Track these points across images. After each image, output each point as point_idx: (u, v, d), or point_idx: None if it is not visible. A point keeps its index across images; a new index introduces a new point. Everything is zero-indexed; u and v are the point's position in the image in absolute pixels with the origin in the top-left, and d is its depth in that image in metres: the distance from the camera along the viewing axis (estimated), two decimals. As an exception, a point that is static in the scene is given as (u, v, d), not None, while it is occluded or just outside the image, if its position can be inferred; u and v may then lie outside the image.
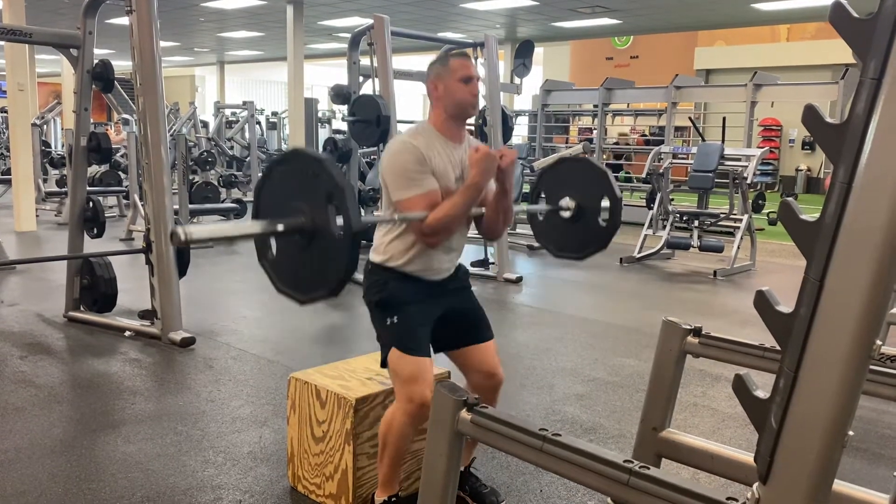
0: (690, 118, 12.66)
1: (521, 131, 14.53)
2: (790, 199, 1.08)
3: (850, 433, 1.06)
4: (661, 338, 2.31)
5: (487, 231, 2.48)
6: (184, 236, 1.97)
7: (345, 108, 6.54)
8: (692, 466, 2.34)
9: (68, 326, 4.85)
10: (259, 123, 14.93)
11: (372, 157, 7.67)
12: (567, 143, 13.47)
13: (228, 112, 16.25)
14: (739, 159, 7.74)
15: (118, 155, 10.63)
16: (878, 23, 0.95)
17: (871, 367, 1.44)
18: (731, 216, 7.69)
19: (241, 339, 4.64)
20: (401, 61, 6.68)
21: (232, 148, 13.79)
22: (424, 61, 3.51)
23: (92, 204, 5.04)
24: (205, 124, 15.60)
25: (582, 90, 13.00)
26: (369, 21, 6.26)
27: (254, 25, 15.78)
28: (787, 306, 1.11)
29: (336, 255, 2.10)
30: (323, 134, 14.61)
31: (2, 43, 10.54)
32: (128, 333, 4.62)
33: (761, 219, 10.01)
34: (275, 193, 2.28)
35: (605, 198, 3.09)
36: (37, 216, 9.24)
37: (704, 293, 6.52)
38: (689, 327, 2.26)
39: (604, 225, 3.13)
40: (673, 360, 2.28)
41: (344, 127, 8.59)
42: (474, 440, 2.19)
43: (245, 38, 17.94)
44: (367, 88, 6.67)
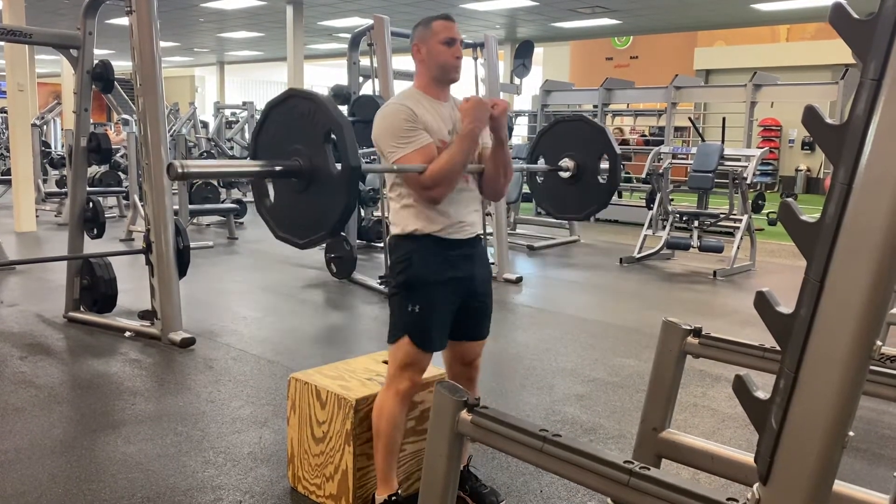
0: (690, 118, 12.68)
1: (520, 132, 14.54)
2: (790, 200, 1.08)
3: (851, 434, 1.06)
4: (661, 338, 2.31)
5: (490, 188, 2.44)
6: (181, 169, 1.96)
7: (345, 109, 6.54)
8: (692, 467, 2.34)
9: (68, 327, 4.85)
10: (259, 124, 14.90)
11: (372, 157, 7.66)
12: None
13: (228, 112, 16.28)
14: (739, 159, 7.74)
15: (118, 155, 10.63)
16: (878, 24, 0.95)
17: (872, 368, 1.44)
18: (731, 216, 7.69)
19: (241, 340, 4.64)
20: (401, 61, 6.67)
21: (232, 148, 13.79)
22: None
23: (92, 204, 5.05)
24: (205, 125, 15.62)
25: (582, 90, 13.01)
26: (369, 21, 6.26)
27: (254, 26, 15.79)
28: (787, 307, 1.11)
29: (335, 193, 2.08)
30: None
31: (2, 43, 10.54)
32: (128, 334, 4.62)
33: (761, 219, 10.01)
34: (272, 137, 2.26)
35: (604, 156, 3.08)
36: (37, 216, 9.24)
37: (704, 293, 6.52)
38: (689, 328, 2.26)
39: (603, 183, 3.13)
40: (673, 361, 2.28)
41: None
42: (473, 440, 2.20)
43: (245, 39, 17.96)
44: (367, 89, 6.68)
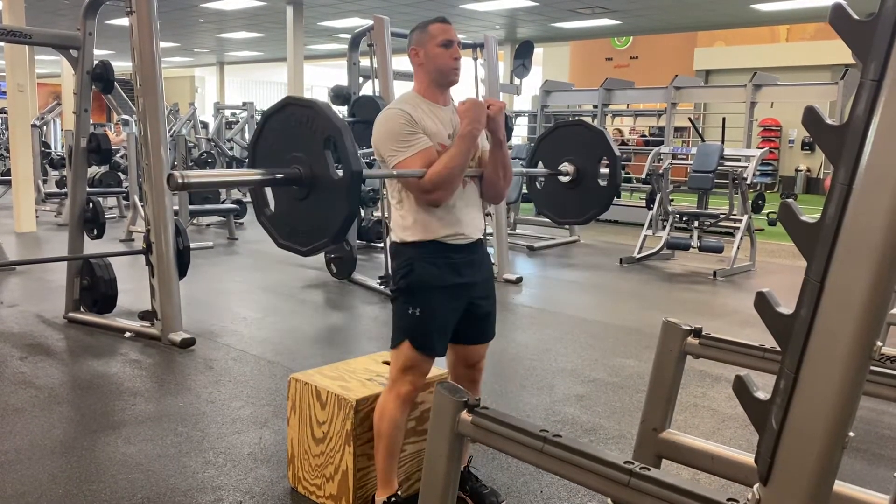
0: (690, 119, 12.67)
1: (520, 132, 14.54)
2: (790, 200, 1.08)
3: (851, 434, 1.06)
4: (662, 338, 2.31)
5: (490, 191, 2.43)
6: (181, 180, 1.94)
7: (344, 109, 6.54)
8: (692, 467, 2.34)
9: (68, 327, 4.85)
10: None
11: (372, 157, 7.66)
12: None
13: (228, 113, 16.27)
14: (739, 160, 7.74)
15: (118, 156, 10.62)
16: (879, 24, 0.95)
17: (872, 368, 1.44)
18: (731, 216, 7.69)
19: (241, 340, 4.64)
20: (401, 62, 6.67)
21: (232, 149, 13.78)
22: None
23: (92, 205, 5.05)
24: (204, 125, 15.61)
25: (581, 91, 13.01)
26: (369, 22, 6.26)
27: (253, 26, 15.79)
28: (787, 307, 1.11)
29: (337, 199, 2.07)
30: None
31: (1, 44, 10.53)
32: (128, 334, 4.62)
33: (761, 219, 10.01)
34: (271, 145, 2.24)
35: (604, 158, 3.07)
36: (37, 217, 9.24)
37: (704, 294, 6.52)
38: (689, 328, 2.26)
39: (604, 186, 3.11)
40: (673, 361, 2.27)
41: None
42: (473, 441, 2.20)
43: (245, 39, 17.96)
44: (367, 89, 6.68)
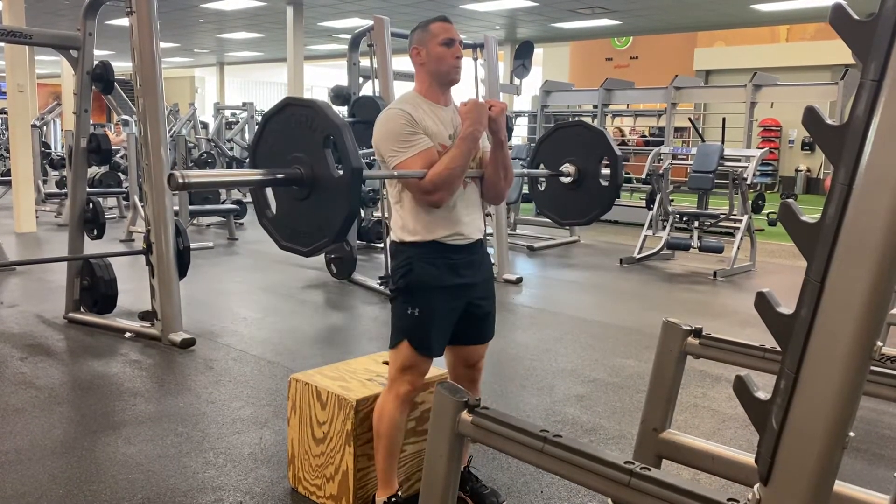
0: (690, 119, 12.67)
1: (520, 132, 14.54)
2: (790, 201, 1.08)
3: (851, 434, 1.06)
4: (662, 338, 2.30)
5: (490, 191, 2.42)
6: (182, 180, 1.94)
7: (345, 110, 6.54)
8: (693, 467, 2.34)
9: (68, 328, 4.85)
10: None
11: (372, 158, 7.67)
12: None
13: (228, 113, 16.27)
14: (739, 160, 7.74)
15: (118, 156, 10.62)
16: (879, 24, 0.95)
17: (872, 368, 1.44)
18: (731, 217, 7.69)
19: (241, 341, 4.64)
20: (401, 62, 6.67)
21: (232, 149, 13.78)
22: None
23: (92, 205, 5.05)
24: (204, 125, 15.61)
25: (581, 91, 13.01)
26: (369, 22, 6.26)
27: (254, 27, 15.79)
28: (787, 307, 1.11)
29: (338, 197, 2.07)
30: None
31: (1, 44, 10.54)
32: (128, 335, 4.62)
33: (761, 219, 10.01)
34: (271, 147, 2.24)
35: (605, 158, 3.07)
36: (37, 217, 9.24)
37: (704, 294, 6.52)
38: (689, 328, 2.26)
39: (606, 185, 3.10)
40: (673, 361, 2.27)
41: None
42: (474, 441, 2.21)
43: (245, 40, 17.96)
44: (367, 89, 6.68)
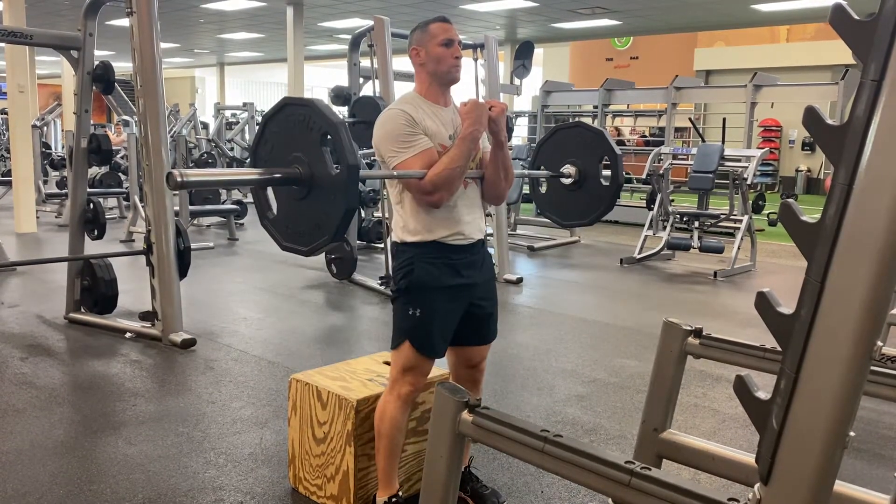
0: (690, 119, 12.68)
1: (521, 132, 14.55)
2: (791, 201, 1.08)
3: (852, 434, 1.07)
4: (662, 339, 2.30)
5: (491, 192, 2.43)
6: (180, 178, 1.95)
7: (345, 110, 6.54)
8: (693, 467, 2.34)
9: (69, 328, 4.86)
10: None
11: (372, 158, 7.67)
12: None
13: (229, 113, 16.27)
14: (739, 160, 7.73)
15: (118, 156, 10.63)
16: (879, 24, 0.95)
17: (872, 368, 1.44)
18: (732, 217, 7.69)
19: (241, 341, 4.65)
20: (401, 62, 6.68)
21: (232, 149, 13.78)
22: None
23: (92, 205, 5.05)
24: (205, 126, 15.61)
25: (582, 91, 13.01)
26: (369, 22, 6.26)
27: (254, 27, 15.79)
28: (787, 307, 1.11)
29: (335, 195, 2.09)
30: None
31: (2, 44, 10.54)
32: (128, 335, 4.62)
33: (761, 219, 10.01)
34: (271, 148, 2.27)
35: (605, 158, 3.08)
36: (37, 218, 9.24)
37: (705, 294, 6.52)
38: (689, 328, 2.26)
39: (607, 185, 3.12)
40: (674, 361, 2.27)
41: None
42: (474, 441, 2.21)
43: (245, 40, 17.96)
44: (368, 90, 6.68)
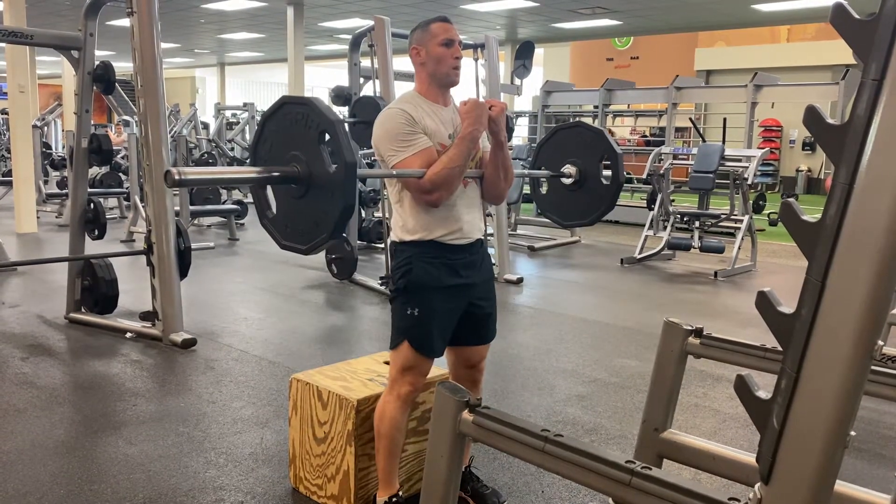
0: (691, 119, 12.67)
1: (521, 132, 14.55)
2: (791, 200, 1.08)
3: (852, 433, 1.07)
4: (663, 338, 2.30)
5: (490, 191, 2.43)
6: (178, 176, 1.96)
7: (345, 110, 6.54)
8: (694, 467, 2.33)
9: (69, 328, 4.86)
10: (259, 125, 14.92)
11: (372, 158, 7.68)
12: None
13: (229, 113, 16.29)
14: (740, 160, 7.73)
15: (119, 156, 10.63)
16: (880, 24, 0.95)
17: (873, 368, 1.44)
18: (732, 217, 7.69)
19: (242, 341, 4.65)
20: (401, 62, 6.68)
21: (233, 149, 13.78)
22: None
23: (93, 205, 5.05)
24: (205, 126, 15.61)
25: (582, 91, 13.01)
26: (370, 22, 6.26)
27: (254, 27, 15.80)
28: (788, 307, 1.11)
29: (333, 193, 2.10)
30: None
31: (3, 45, 10.55)
32: (129, 335, 4.62)
33: (762, 219, 10.01)
34: (270, 147, 2.28)
35: (605, 156, 3.09)
36: (38, 218, 9.24)
37: (705, 294, 6.52)
38: (690, 328, 2.26)
39: (607, 184, 3.12)
40: (674, 361, 2.27)
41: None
42: (475, 440, 2.21)
43: (245, 40, 17.96)
44: (368, 90, 6.68)
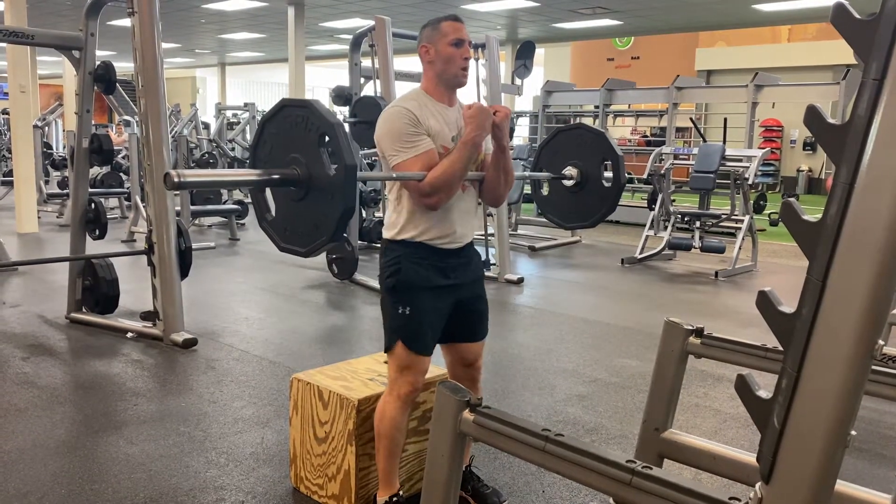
0: (692, 119, 12.66)
1: (522, 132, 14.55)
2: (792, 200, 1.08)
3: (853, 433, 1.07)
4: (663, 338, 2.30)
5: (490, 194, 2.44)
6: (177, 179, 1.96)
7: (346, 110, 6.54)
8: (694, 467, 2.34)
9: (70, 328, 4.86)
10: (260, 125, 14.92)
11: (373, 158, 7.68)
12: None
13: (230, 113, 16.29)
14: (741, 160, 7.73)
15: (120, 156, 10.63)
16: (881, 24, 0.95)
17: (873, 368, 1.44)
18: (733, 217, 7.69)
19: (242, 340, 4.65)
20: (402, 62, 6.68)
21: (233, 149, 13.79)
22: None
23: (94, 205, 5.05)
24: (206, 126, 15.61)
25: (583, 91, 13.00)
26: (370, 22, 6.26)
27: (255, 27, 15.80)
28: (789, 307, 1.11)
29: (332, 195, 2.10)
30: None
31: (3, 45, 10.56)
32: (130, 335, 4.63)
33: (762, 219, 10.01)
34: (270, 150, 2.28)
35: (607, 159, 3.08)
36: (38, 218, 9.25)
37: (706, 294, 6.52)
38: (691, 328, 2.26)
39: (609, 186, 3.11)
40: (675, 361, 2.27)
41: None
42: (475, 440, 2.21)
43: (246, 40, 17.97)
44: (369, 90, 6.68)
